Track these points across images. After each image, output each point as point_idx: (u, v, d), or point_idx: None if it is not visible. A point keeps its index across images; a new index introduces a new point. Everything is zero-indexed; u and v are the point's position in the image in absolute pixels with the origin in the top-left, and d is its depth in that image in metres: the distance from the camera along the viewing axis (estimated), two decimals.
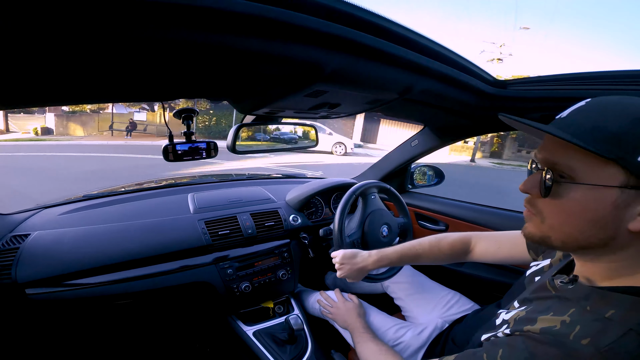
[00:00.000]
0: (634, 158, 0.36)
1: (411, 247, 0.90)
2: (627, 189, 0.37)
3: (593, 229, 0.41)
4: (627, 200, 0.38)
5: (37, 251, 0.90)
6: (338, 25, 0.45)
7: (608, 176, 0.38)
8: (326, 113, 0.90)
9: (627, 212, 0.38)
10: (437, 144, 1.31)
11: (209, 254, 1.10)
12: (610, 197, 0.38)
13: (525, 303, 0.55)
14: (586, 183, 0.40)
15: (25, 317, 0.89)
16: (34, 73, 0.39)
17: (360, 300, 1.08)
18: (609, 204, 0.39)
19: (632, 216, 0.38)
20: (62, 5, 0.28)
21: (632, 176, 0.37)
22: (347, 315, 1.00)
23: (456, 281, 1.19)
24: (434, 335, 0.93)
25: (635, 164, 0.36)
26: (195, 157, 0.90)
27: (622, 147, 0.37)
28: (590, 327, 0.40)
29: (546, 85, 0.80)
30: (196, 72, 0.48)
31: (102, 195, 1.28)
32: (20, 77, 0.40)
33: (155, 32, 0.34)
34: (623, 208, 0.38)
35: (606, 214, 0.39)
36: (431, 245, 0.88)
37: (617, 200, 0.38)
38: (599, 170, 0.39)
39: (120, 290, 0.95)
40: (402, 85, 0.69)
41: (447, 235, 0.89)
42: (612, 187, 0.38)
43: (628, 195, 0.38)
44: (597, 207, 0.40)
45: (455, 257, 0.88)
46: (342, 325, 1.01)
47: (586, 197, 0.40)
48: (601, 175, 0.39)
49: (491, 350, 0.46)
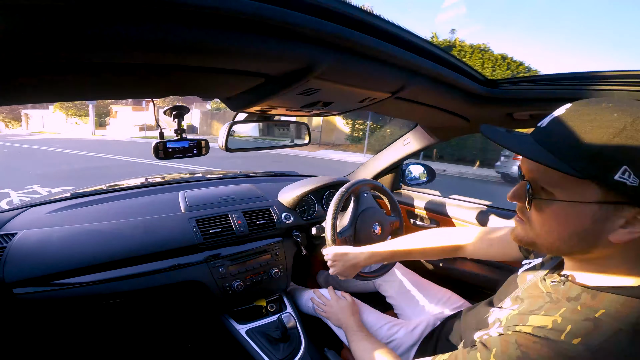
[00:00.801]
0: (609, 176, 0.36)
1: (402, 244, 0.90)
2: (605, 204, 0.38)
3: (574, 239, 0.43)
4: (605, 214, 0.39)
5: (24, 250, 0.88)
6: (330, 24, 0.45)
7: (586, 193, 0.39)
8: (319, 111, 0.90)
9: (607, 225, 0.39)
10: (429, 143, 1.32)
11: (201, 252, 1.09)
12: (589, 212, 0.40)
13: (517, 301, 0.56)
14: (564, 200, 0.41)
15: (13, 317, 0.88)
16: (23, 70, 0.38)
17: (353, 298, 1.08)
18: (588, 219, 0.40)
19: (613, 228, 0.39)
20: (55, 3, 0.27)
21: (610, 192, 0.38)
22: (340, 313, 1.01)
23: (447, 279, 1.20)
24: (426, 333, 0.94)
25: (611, 182, 0.36)
26: (187, 155, 0.89)
27: (597, 165, 0.37)
28: (581, 327, 0.40)
29: (536, 85, 0.81)
30: (187, 69, 0.48)
31: (90, 193, 1.26)
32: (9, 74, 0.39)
33: (148, 30, 0.34)
34: (602, 222, 0.39)
35: (587, 227, 0.41)
36: (422, 242, 0.89)
37: (595, 215, 0.39)
38: (576, 188, 0.40)
39: (109, 289, 0.93)
40: (394, 84, 0.69)
41: (438, 232, 0.90)
42: (590, 202, 0.39)
43: (607, 210, 0.39)
44: (577, 222, 0.41)
45: (446, 253, 0.89)
46: (336, 323, 1.02)
47: (566, 212, 0.42)
48: (579, 192, 0.40)
49: (484, 350, 0.47)
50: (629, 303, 0.40)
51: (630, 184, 0.35)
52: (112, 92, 0.59)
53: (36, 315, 0.90)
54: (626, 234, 0.38)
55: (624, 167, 0.35)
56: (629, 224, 0.38)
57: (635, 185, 0.35)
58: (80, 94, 0.57)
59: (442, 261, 1.43)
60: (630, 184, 0.35)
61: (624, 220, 0.38)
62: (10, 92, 0.47)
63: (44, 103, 0.60)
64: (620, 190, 0.36)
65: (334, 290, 1.12)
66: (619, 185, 0.36)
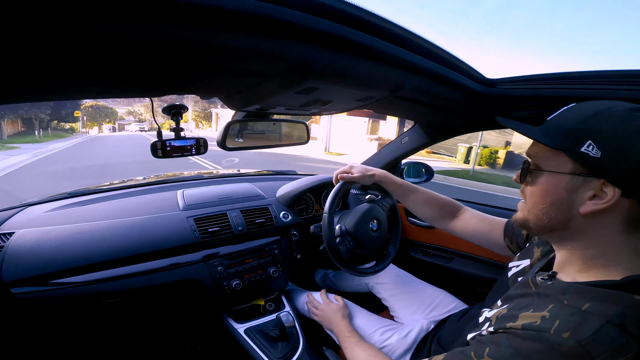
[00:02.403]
0: (577, 149, 0.43)
1: (412, 185, 0.98)
2: (576, 175, 0.45)
3: (552, 210, 0.48)
4: (575, 185, 0.45)
5: (21, 250, 0.88)
6: (329, 22, 0.45)
7: (561, 164, 0.47)
8: (317, 110, 0.90)
9: (577, 196, 0.45)
10: (427, 142, 1.32)
11: (199, 251, 1.09)
12: (563, 182, 0.46)
13: (507, 301, 0.58)
14: (545, 170, 0.49)
15: (11, 316, 0.87)
16: (21, 68, 0.38)
17: (346, 301, 1.08)
18: (562, 188, 0.47)
19: (582, 200, 0.45)
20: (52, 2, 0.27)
21: (578, 164, 0.44)
22: (332, 317, 1.01)
23: (442, 278, 1.21)
24: (420, 337, 0.95)
25: (578, 154, 0.43)
26: (185, 154, 0.89)
27: (570, 139, 0.44)
28: (569, 321, 0.42)
29: (534, 84, 0.81)
30: (185, 68, 0.48)
31: (88, 192, 1.26)
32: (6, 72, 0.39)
33: (145, 29, 0.34)
34: (573, 192, 0.46)
35: (561, 196, 0.47)
36: (428, 193, 0.96)
37: (568, 185, 0.46)
38: (555, 160, 0.47)
39: (108, 288, 0.93)
40: (394, 82, 0.69)
41: (444, 196, 0.96)
42: (564, 173, 0.46)
43: (577, 181, 0.45)
44: (554, 191, 0.48)
45: (442, 215, 0.94)
46: (328, 327, 1.02)
47: (547, 182, 0.48)
48: (556, 163, 0.47)
49: (478, 349, 0.48)
50: (614, 296, 0.42)
51: (593, 155, 0.42)
52: (109, 91, 0.59)
53: (34, 315, 0.90)
54: (592, 205, 0.44)
55: (589, 141, 0.42)
56: (596, 196, 0.44)
57: (597, 157, 0.42)
58: (78, 93, 0.57)
59: (436, 260, 1.43)
60: (593, 155, 0.42)
61: (592, 192, 0.44)
62: (13, 90, 0.47)
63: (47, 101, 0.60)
64: (586, 161, 0.43)
65: (326, 294, 1.13)
66: (584, 156, 0.43)
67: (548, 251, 0.61)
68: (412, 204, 0.98)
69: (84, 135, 29.87)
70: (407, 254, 1.52)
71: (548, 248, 0.62)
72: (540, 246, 0.65)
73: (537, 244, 0.66)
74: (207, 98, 0.75)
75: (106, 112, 43.12)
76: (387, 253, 1.13)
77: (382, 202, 1.17)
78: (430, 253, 1.47)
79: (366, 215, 1.09)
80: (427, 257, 1.47)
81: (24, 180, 7.36)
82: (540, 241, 0.66)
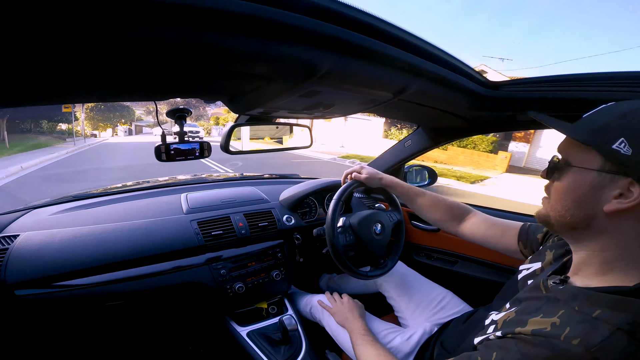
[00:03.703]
0: (607, 145, 0.43)
1: (419, 189, 0.99)
2: (604, 172, 0.44)
3: (574, 207, 0.48)
4: (602, 182, 0.44)
5: (26, 252, 0.88)
6: (333, 26, 0.45)
7: (589, 160, 0.46)
8: (320, 113, 0.90)
9: (603, 194, 0.44)
10: (431, 145, 1.32)
11: (202, 254, 1.09)
12: (589, 179, 0.46)
13: (515, 303, 0.57)
14: (573, 165, 0.48)
15: (15, 318, 0.88)
16: (26, 72, 0.39)
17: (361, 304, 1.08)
18: (588, 184, 0.46)
19: (607, 199, 0.44)
20: (56, 5, 0.27)
21: (608, 162, 0.44)
22: (349, 312, 1.00)
23: (446, 281, 1.20)
24: (423, 340, 0.94)
25: (607, 150, 0.43)
26: (189, 157, 0.89)
27: (600, 136, 0.44)
28: (579, 328, 0.41)
29: (537, 86, 0.80)
30: (190, 72, 0.48)
31: (93, 195, 1.27)
32: (11, 76, 0.39)
33: (149, 32, 0.34)
34: (599, 189, 0.45)
35: (586, 192, 0.46)
36: (435, 196, 0.96)
37: (594, 182, 0.45)
38: (583, 156, 0.47)
39: (111, 291, 0.93)
40: (396, 85, 0.69)
41: (452, 199, 0.96)
42: (591, 170, 0.45)
43: (604, 179, 0.44)
44: (579, 187, 0.47)
45: (450, 218, 0.93)
46: (341, 322, 1.00)
47: (574, 177, 0.48)
48: (585, 159, 0.46)
49: (485, 353, 0.48)
50: (625, 303, 0.41)
51: (624, 152, 0.41)
52: (114, 94, 0.60)
53: (38, 317, 0.90)
54: (616, 204, 0.43)
55: (622, 139, 0.42)
56: (622, 195, 0.43)
57: (628, 154, 0.41)
58: (83, 96, 0.58)
59: (440, 264, 1.42)
60: (624, 153, 0.41)
61: (618, 191, 0.43)
62: (17, 93, 0.48)
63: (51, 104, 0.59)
64: (616, 158, 0.42)
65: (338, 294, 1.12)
66: (614, 153, 0.42)
67: (561, 255, 0.60)
68: (419, 207, 0.98)
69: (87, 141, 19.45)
70: (410, 258, 1.51)
71: (561, 252, 0.61)
72: (552, 249, 0.64)
73: (549, 247, 0.65)
74: (211, 101, 0.76)
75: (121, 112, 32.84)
76: (383, 263, 1.11)
77: (390, 214, 1.17)
78: (433, 256, 1.46)
79: (372, 216, 1.08)
80: (431, 261, 1.46)
81: None
82: (553, 244, 0.65)
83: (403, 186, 1.00)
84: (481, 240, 0.87)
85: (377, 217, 1.09)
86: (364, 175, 1.02)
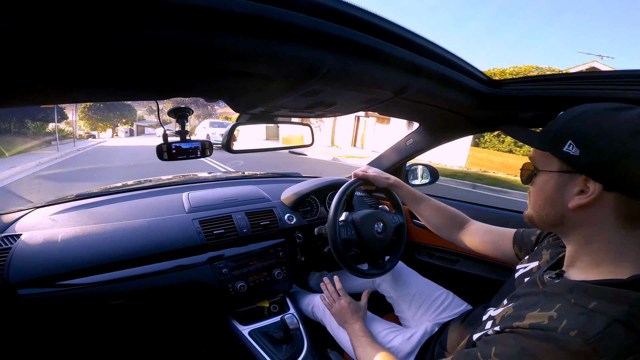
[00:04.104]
0: (560, 148, 0.48)
1: (423, 195, 1.02)
2: (562, 173, 0.49)
3: (547, 207, 0.52)
4: (564, 182, 0.49)
5: (29, 251, 0.89)
6: (333, 24, 0.45)
7: (550, 164, 0.51)
8: (321, 112, 0.90)
9: (566, 192, 0.49)
10: (432, 143, 1.32)
11: (204, 253, 1.10)
12: (554, 180, 0.51)
13: (513, 300, 0.58)
14: (540, 169, 0.53)
15: (18, 317, 0.88)
16: (27, 72, 0.39)
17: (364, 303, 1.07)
18: (552, 186, 0.51)
19: (570, 196, 0.48)
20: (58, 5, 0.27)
21: (564, 163, 0.49)
22: (348, 314, 0.99)
23: (447, 280, 1.20)
24: (424, 340, 0.94)
25: (561, 153, 0.48)
26: (190, 156, 0.89)
27: (555, 140, 0.49)
28: (576, 320, 0.42)
29: (539, 85, 0.80)
30: (191, 71, 0.48)
31: (95, 194, 1.27)
32: (15, 75, 0.39)
33: (150, 32, 0.34)
34: (562, 188, 0.49)
35: (552, 193, 0.51)
36: (438, 203, 0.99)
37: (557, 183, 0.50)
38: (546, 160, 0.52)
39: (114, 290, 0.94)
40: (398, 84, 0.69)
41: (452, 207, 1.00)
42: (552, 172, 0.51)
43: (564, 179, 0.49)
44: (547, 188, 0.52)
45: (450, 226, 0.96)
46: (340, 324, 1.00)
47: (542, 181, 0.53)
48: (548, 163, 0.52)
49: (484, 349, 0.48)
50: (621, 294, 0.42)
51: (573, 153, 0.46)
52: (115, 94, 0.60)
53: (41, 316, 0.90)
54: (577, 200, 0.47)
55: (569, 141, 0.47)
56: (582, 192, 0.47)
57: (576, 155, 0.46)
58: (83, 96, 0.58)
59: (441, 262, 1.42)
60: (573, 154, 0.46)
61: (578, 188, 0.47)
62: (21, 94, 0.48)
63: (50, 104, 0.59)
64: (568, 160, 0.47)
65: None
66: (566, 155, 0.47)
67: (557, 253, 0.62)
68: (421, 211, 1.00)
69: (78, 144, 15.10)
70: (412, 256, 1.51)
71: (557, 250, 0.62)
72: (549, 249, 0.65)
73: (545, 247, 0.67)
74: (212, 101, 0.76)
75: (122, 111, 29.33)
76: (382, 264, 1.11)
77: (393, 216, 1.17)
78: (435, 255, 1.46)
79: (375, 214, 1.08)
80: (433, 259, 1.46)
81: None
82: (548, 244, 0.67)
83: (409, 189, 1.02)
84: (479, 247, 0.90)
85: (379, 216, 1.09)
86: (372, 173, 1.04)
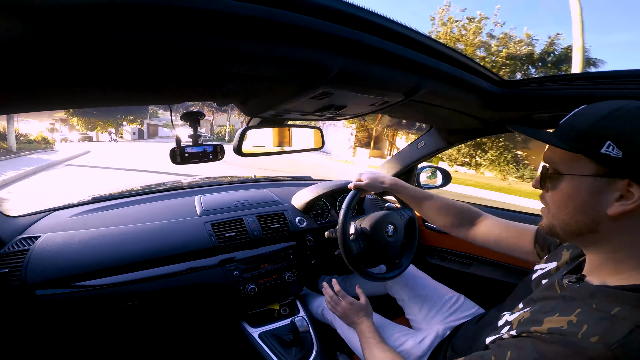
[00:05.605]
0: (596, 150, 0.43)
1: (426, 192, 0.97)
2: (599, 177, 0.44)
3: (578, 214, 0.47)
4: (599, 187, 0.44)
5: (46, 253, 0.91)
6: (343, 27, 0.45)
7: (581, 167, 0.46)
8: (332, 115, 0.90)
9: (603, 198, 0.44)
10: (444, 146, 1.30)
11: (215, 255, 1.11)
12: (586, 185, 0.45)
13: (530, 304, 0.56)
14: (566, 173, 0.48)
15: (34, 317, 0.90)
16: (40, 76, 0.40)
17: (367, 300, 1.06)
18: (585, 191, 0.45)
19: (609, 202, 0.43)
20: (67, 11, 0.28)
21: (600, 166, 0.43)
22: (354, 315, 0.97)
23: (461, 284, 1.18)
24: (436, 344, 0.92)
25: (598, 155, 0.43)
26: (203, 160, 0.90)
27: (586, 141, 0.44)
28: (598, 325, 0.41)
29: (556, 84, 0.79)
30: (204, 74, 0.49)
31: (110, 197, 1.30)
32: (24, 80, 0.40)
33: (162, 36, 0.35)
34: (598, 194, 0.44)
35: (585, 199, 0.46)
36: (444, 200, 0.94)
37: (591, 188, 0.45)
38: (574, 163, 0.46)
39: (128, 291, 0.95)
40: (408, 86, 0.68)
41: (462, 202, 0.94)
42: (585, 176, 0.45)
43: (600, 183, 0.44)
44: (577, 195, 0.46)
45: (460, 223, 0.91)
46: (349, 324, 0.99)
47: (569, 186, 0.47)
48: (576, 167, 0.46)
49: (499, 353, 0.47)
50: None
51: (614, 155, 0.41)
52: (128, 97, 0.61)
53: (56, 316, 0.93)
54: (619, 207, 0.42)
55: (608, 142, 0.42)
56: (623, 197, 0.42)
57: (618, 157, 0.41)
58: (96, 101, 0.59)
59: (454, 265, 1.40)
60: (614, 156, 0.41)
61: (618, 193, 0.43)
62: (35, 99, 0.49)
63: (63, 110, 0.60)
64: (607, 163, 0.42)
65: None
66: (604, 158, 0.42)
67: (578, 254, 0.59)
68: (426, 211, 0.96)
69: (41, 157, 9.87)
70: (424, 260, 1.49)
71: (578, 251, 0.60)
72: (570, 249, 0.62)
73: (566, 247, 0.64)
74: (223, 105, 0.77)
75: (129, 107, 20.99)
76: (399, 263, 1.10)
77: (401, 212, 1.16)
78: (448, 258, 1.43)
79: (384, 219, 1.07)
80: (445, 263, 1.43)
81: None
82: (570, 244, 0.64)
83: (408, 189, 0.97)
84: (494, 245, 0.85)
85: (388, 219, 1.08)
86: (364, 182, 0.99)
